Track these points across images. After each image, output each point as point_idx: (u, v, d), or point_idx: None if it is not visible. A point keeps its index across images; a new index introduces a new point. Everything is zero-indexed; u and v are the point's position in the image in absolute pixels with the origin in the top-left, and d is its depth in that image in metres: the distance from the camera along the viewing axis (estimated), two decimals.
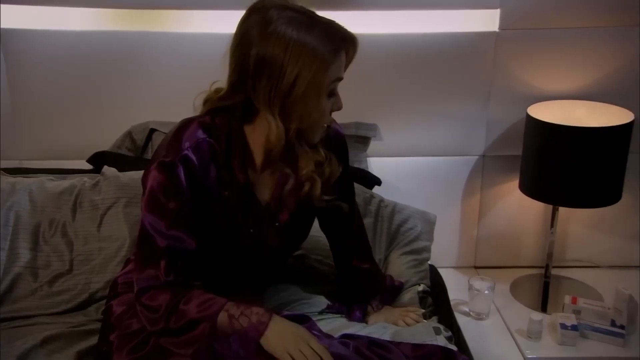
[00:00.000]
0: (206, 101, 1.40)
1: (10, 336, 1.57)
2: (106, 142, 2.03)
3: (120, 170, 1.89)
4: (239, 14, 2.01)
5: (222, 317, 1.28)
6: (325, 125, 1.37)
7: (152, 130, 2.03)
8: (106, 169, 1.87)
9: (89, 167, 1.99)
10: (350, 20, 1.98)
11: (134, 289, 1.36)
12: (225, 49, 2.05)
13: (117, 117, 2.05)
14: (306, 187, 1.38)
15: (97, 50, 1.99)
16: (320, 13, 1.98)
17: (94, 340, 1.56)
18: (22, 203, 1.78)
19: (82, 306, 1.69)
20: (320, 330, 1.50)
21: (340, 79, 1.32)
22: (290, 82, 1.24)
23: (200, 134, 1.32)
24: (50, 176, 1.89)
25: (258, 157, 1.37)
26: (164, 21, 1.99)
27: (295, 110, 1.28)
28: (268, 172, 1.40)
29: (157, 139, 2.02)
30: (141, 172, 1.79)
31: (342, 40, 1.29)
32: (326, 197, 1.43)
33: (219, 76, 2.03)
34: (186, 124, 1.36)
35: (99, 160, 1.97)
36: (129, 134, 2.05)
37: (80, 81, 2.02)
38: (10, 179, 1.83)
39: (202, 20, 2.00)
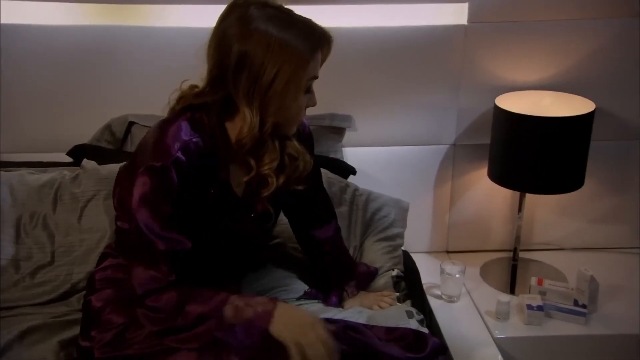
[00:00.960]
0: (181, 98, 1.38)
1: None
2: (86, 135, 2.01)
3: (99, 162, 1.88)
4: (216, 9, 2.00)
5: (228, 310, 1.27)
6: (298, 125, 1.39)
7: (131, 123, 2.02)
8: (86, 162, 1.85)
9: (69, 159, 1.97)
10: (324, 14, 1.99)
11: (115, 285, 1.37)
12: (202, 43, 2.05)
13: (96, 111, 2.03)
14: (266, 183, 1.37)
15: (76, 45, 1.96)
16: (295, 7, 2.00)
17: (76, 330, 1.55)
18: (3, 196, 1.75)
19: (64, 297, 1.68)
20: None
21: (316, 77, 1.33)
22: (270, 78, 1.25)
23: (187, 134, 1.31)
24: (31, 170, 1.86)
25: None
26: (143, 16, 1.98)
27: (273, 105, 1.28)
28: (239, 165, 1.39)
29: (136, 132, 2.01)
30: (121, 165, 1.82)
31: (319, 39, 1.30)
32: (299, 187, 1.45)
33: (196, 70, 2.03)
34: (168, 123, 1.33)
35: (78, 153, 1.95)
36: (109, 127, 2.03)
37: (59, 75, 1.99)
38: None
39: (180, 15, 1.99)
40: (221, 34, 1.28)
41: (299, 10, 1.99)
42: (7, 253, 1.70)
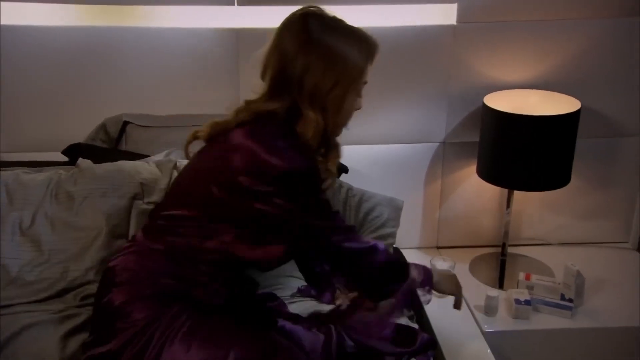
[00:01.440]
0: (242, 110, 1.39)
1: None
2: (82, 134, 2.02)
3: (94, 161, 1.88)
4: (209, 10, 2.03)
5: (413, 271, 1.49)
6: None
7: (126, 123, 2.02)
8: (81, 161, 1.85)
9: (64, 159, 1.97)
10: None
11: (137, 275, 1.35)
12: (196, 43, 2.06)
13: (91, 110, 2.03)
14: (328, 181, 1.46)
15: (73, 45, 1.96)
16: (285, 7, 2.01)
17: (72, 324, 1.56)
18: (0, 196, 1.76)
19: (60, 294, 1.67)
20: (287, 312, 1.53)
21: (366, 82, 1.41)
22: (330, 86, 1.33)
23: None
24: (26, 169, 1.86)
25: None
26: (138, 17, 1.98)
27: (332, 109, 1.36)
28: None
29: (130, 131, 2.01)
30: (117, 164, 1.83)
31: (372, 49, 1.40)
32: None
33: (189, 70, 2.05)
34: (279, 131, 1.36)
35: (74, 151, 1.95)
36: (103, 127, 2.03)
37: (56, 75, 1.99)
38: None
39: (173, 16, 2.00)
40: (283, 46, 1.35)
41: (287, 10, 2.02)
42: (4, 252, 1.70)
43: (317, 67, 1.31)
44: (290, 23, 1.37)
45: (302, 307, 1.68)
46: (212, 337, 1.30)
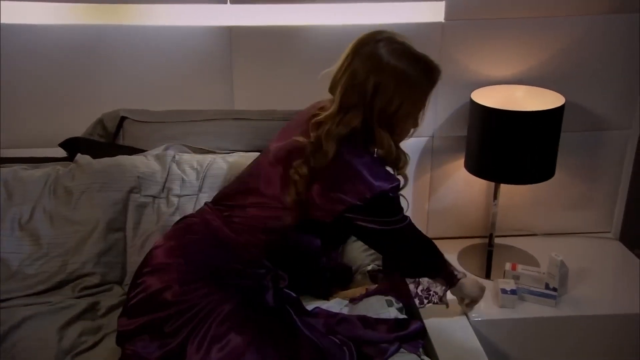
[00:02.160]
0: (329, 130, 1.44)
1: None
2: (79, 129, 2.01)
3: (92, 156, 1.88)
4: (202, 8, 2.02)
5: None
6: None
7: (123, 118, 2.02)
8: (79, 157, 1.85)
9: (63, 154, 1.97)
10: (307, 13, 2.02)
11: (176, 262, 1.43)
12: (189, 41, 2.05)
13: (89, 107, 2.03)
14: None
15: (68, 43, 1.96)
16: (277, 6, 2.01)
17: (69, 314, 1.57)
18: None
19: (58, 286, 1.69)
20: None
21: (425, 105, 1.50)
22: (397, 106, 1.42)
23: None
24: (24, 165, 1.86)
25: None
26: (132, 15, 1.97)
27: (397, 127, 1.47)
28: None
29: (127, 126, 2.01)
30: (114, 158, 1.83)
31: (436, 74, 1.47)
32: None
33: (183, 67, 2.04)
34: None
35: (72, 145, 1.95)
36: (101, 122, 2.03)
37: (52, 73, 1.99)
38: None
39: (167, 14, 1.99)
40: (354, 67, 1.42)
41: (286, 8, 2.02)
42: (4, 246, 1.70)
43: (386, 87, 1.39)
44: (361, 45, 1.44)
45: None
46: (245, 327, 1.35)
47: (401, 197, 1.53)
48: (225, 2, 1.96)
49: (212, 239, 1.48)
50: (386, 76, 1.40)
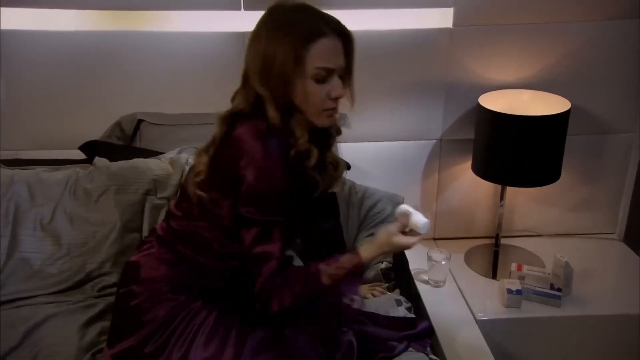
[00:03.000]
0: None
1: (14, 316, 1.59)
2: (97, 132, 2.03)
3: (110, 158, 1.90)
4: (217, 14, 2.03)
5: (325, 279, 1.31)
6: (329, 115, 1.34)
7: (140, 121, 2.04)
8: (97, 160, 1.87)
9: (82, 156, 1.98)
10: None
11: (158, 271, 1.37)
12: (204, 46, 2.07)
13: (107, 109, 2.05)
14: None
15: (88, 48, 1.97)
16: None
17: (90, 313, 1.59)
18: (21, 194, 1.77)
19: (78, 285, 1.70)
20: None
21: (327, 69, 1.28)
22: (270, 56, 1.26)
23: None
24: (45, 168, 1.88)
25: None
26: (148, 21, 1.98)
27: (282, 91, 1.29)
28: None
29: (144, 129, 2.03)
30: (130, 161, 1.84)
31: (323, 27, 1.27)
32: (336, 190, 1.49)
33: (198, 72, 2.06)
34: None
35: (90, 148, 1.97)
36: (118, 124, 2.05)
37: (72, 77, 2.00)
38: (8, 171, 1.82)
39: (182, 20, 2.00)
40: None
41: None
42: (26, 246, 1.73)
43: (262, 39, 1.29)
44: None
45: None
46: (229, 336, 1.32)
47: None
48: (239, 9, 1.97)
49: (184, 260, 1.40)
50: (262, 30, 1.29)
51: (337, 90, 1.32)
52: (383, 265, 1.81)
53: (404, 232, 1.37)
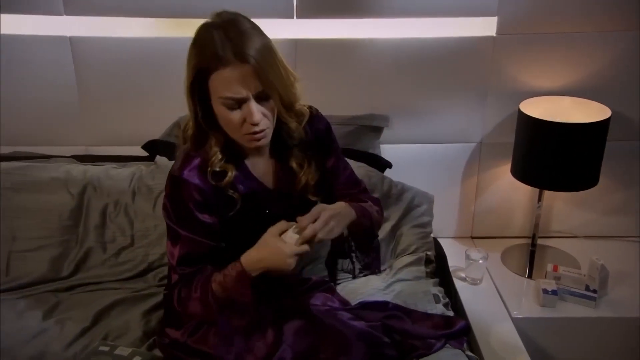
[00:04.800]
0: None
1: (85, 298, 1.68)
2: (157, 131, 2.09)
3: (169, 155, 1.96)
4: (270, 22, 2.05)
5: (215, 287, 1.33)
6: (252, 139, 1.29)
7: None
8: (159, 159, 1.94)
9: (144, 153, 2.05)
10: (366, 27, 2.04)
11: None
12: None
13: (167, 110, 2.09)
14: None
15: (150, 54, 2.03)
16: (339, 21, 2.03)
17: (152, 302, 1.66)
18: (93, 188, 1.86)
19: (142, 274, 1.78)
20: (339, 299, 1.59)
21: (233, 98, 1.23)
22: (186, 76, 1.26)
23: None
24: (113, 164, 1.96)
25: None
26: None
27: (192, 110, 1.30)
28: None
29: None
30: None
31: (227, 55, 1.20)
32: (312, 198, 1.43)
33: None
34: None
35: (151, 146, 2.04)
36: (177, 124, 2.09)
37: (136, 80, 2.06)
38: (81, 166, 1.91)
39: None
40: None
41: (346, 23, 2.02)
42: (95, 236, 1.81)
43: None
44: None
45: (347, 288, 1.74)
46: (266, 325, 1.38)
47: None
48: (292, 17, 2.00)
49: None
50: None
51: (252, 117, 1.24)
52: (430, 253, 1.87)
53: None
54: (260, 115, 1.25)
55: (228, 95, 1.23)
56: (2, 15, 1.94)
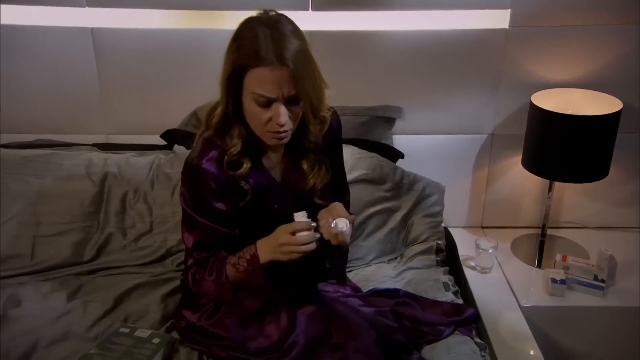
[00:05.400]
0: None
1: (107, 282, 1.72)
2: (175, 120, 2.11)
3: (186, 144, 1.98)
4: (286, 14, 2.07)
5: (229, 270, 1.36)
6: (273, 137, 1.32)
7: None
8: (177, 148, 1.96)
9: (163, 141, 2.07)
10: (379, 19, 2.04)
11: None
12: None
13: (184, 100, 2.11)
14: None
15: (169, 44, 2.04)
16: (353, 13, 2.02)
17: (171, 286, 1.69)
18: (113, 176, 1.89)
19: (160, 259, 1.81)
20: (351, 286, 1.60)
21: (265, 96, 1.25)
22: (223, 64, 1.28)
23: None
24: (133, 153, 1.98)
25: None
26: (223, 20, 2.03)
27: (224, 100, 1.32)
28: None
29: None
30: None
31: (268, 55, 1.22)
32: (318, 201, 1.44)
33: None
34: None
35: (169, 135, 2.06)
36: (195, 114, 2.11)
37: (155, 70, 2.07)
38: (102, 155, 1.94)
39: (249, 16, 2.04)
40: None
41: (360, 15, 2.02)
42: (116, 222, 1.85)
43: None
44: None
45: (358, 275, 1.76)
46: (280, 310, 1.41)
47: None
48: (307, 9, 2.01)
49: None
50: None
51: (279, 118, 1.26)
52: (440, 242, 1.88)
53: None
54: (286, 118, 1.27)
55: (261, 92, 1.25)
56: (27, 6, 1.97)
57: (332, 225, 1.29)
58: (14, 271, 1.74)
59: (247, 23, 1.28)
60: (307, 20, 2.02)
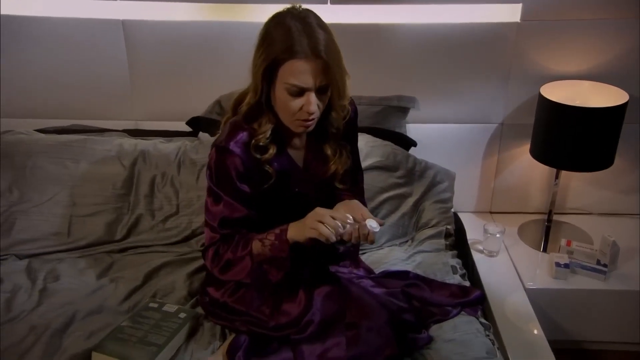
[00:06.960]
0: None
1: (136, 260, 1.76)
2: (200, 108, 2.13)
3: (211, 131, 2.00)
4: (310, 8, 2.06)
5: (255, 245, 1.37)
6: (301, 125, 1.33)
7: None
8: (202, 135, 1.98)
9: (188, 128, 2.10)
10: (395, 12, 2.03)
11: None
12: None
13: (209, 88, 2.13)
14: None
15: (195, 36, 2.05)
16: (370, 7, 2.01)
17: (196, 264, 1.73)
18: (142, 160, 1.92)
19: (186, 239, 1.85)
20: (364, 268, 1.62)
21: (298, 86, 1.26)
22: (254, 57, 1.29)
23: None
24: (161, 139, 2.01)
25: None
26: (246, 13, 2.04)
27: (257, 90, 1.32)
28: None
29: None
30: None
31: (299, 48, 1.23)
32: (339, 186, 1.46)
33: None
34: None
35: (194, 122, 2.08)
36: (218, 102, 2.13)
37: (182, 60, 2.09)
38: (132, 140, 1.97)
39: (270, 12, 2.04)
40: None
41: (376, 8, 2.01)
42: (145, 204, 1.88)
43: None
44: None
45: (372, 257, 1.77)
46: (297, 289, 1.43)
47: None
48: (326, 2, 2.00)
49: None
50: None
51: (310, 106, 1.29)
52: (450, 227, 1.89)
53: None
54: (316, 107, 1.30)
55: (296, 83, 1.26)
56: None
57: (366, 226, 1.30)
58: (53, 248, 1.79)
59: (277, 18, 1.29)
60: (325, 14, 2.00)
